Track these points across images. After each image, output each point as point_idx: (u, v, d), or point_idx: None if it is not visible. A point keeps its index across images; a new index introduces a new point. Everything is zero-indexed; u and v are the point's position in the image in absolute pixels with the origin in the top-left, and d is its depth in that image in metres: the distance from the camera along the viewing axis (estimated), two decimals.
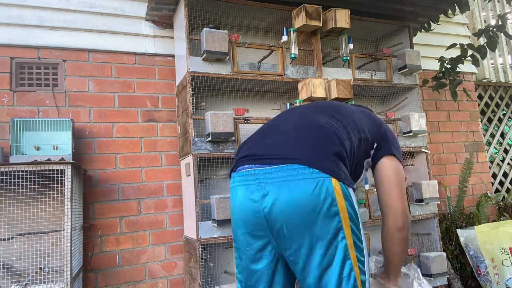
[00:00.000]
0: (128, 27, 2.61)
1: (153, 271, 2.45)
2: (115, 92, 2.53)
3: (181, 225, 2.54)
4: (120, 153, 2.49)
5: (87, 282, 2.28)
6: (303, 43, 2.64)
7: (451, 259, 2.94)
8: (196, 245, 2.10)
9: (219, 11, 2.47)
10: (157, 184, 2.55)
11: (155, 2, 2.41)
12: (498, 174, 4.11)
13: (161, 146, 2.59)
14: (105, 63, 2.54)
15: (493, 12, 4.22)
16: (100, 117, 2.47)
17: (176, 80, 2.63)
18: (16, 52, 2.35)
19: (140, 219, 2.47)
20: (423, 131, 2.70)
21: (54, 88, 2.40)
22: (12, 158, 2.03)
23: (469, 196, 3.59)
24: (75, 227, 2.00)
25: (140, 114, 2.57)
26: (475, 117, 3.82)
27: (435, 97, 3.62)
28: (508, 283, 2.60)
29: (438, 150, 3.54)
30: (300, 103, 2.37)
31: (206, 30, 2.17)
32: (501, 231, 2.73)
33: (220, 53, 2.18)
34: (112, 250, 2.38)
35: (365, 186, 2.51)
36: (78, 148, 2.37)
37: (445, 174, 3.52)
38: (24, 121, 2.12)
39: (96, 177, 2.41)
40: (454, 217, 3.20)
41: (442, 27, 3.60)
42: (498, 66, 4.10)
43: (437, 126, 3.58)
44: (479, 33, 2.85)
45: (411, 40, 2.95)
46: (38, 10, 2.42)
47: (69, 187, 1.87)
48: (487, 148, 4.09)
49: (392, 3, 2.67)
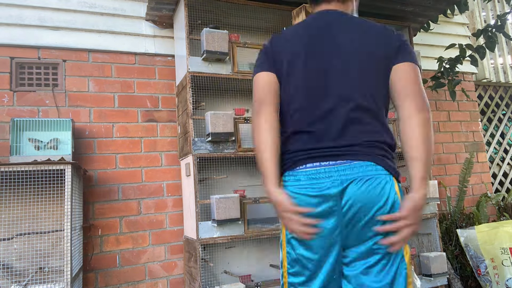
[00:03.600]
0: (128, 27, 2.61)
1: (153, 271, 2.45)
2: (115, 92, 2.53)
3: (181, 225, 2.54)
4: (120, 153, 2.49)
5: (87, 282, 2.28)
6: None
7: (451, 259, 2.94)
8: (196, 245, 2.10)
9: (219, 11, 2.47)
10: (157, 184, 2.55)
11: (155, 2, 2.41)
12: (498, 174, 4.11)
13: (161, 146, 2.59)
14: (105, 63, 2.54)
15: (493, 12, 4.22)
16: (100, 117, 2.47)
17: (176, 80, 2.63)
18: (16, 52, 2.35)
19: (140, 219, 2.47)
20: None
21: (54, 88, 2.40)
22: (12, 158, 2.03)
23: (469, 196, 3.59)
24: (75, 227, 2.00)
25: (140, 114, 2.58)
26: (475, 117, 3.82)
27: (435, 97, 3.62)
28: (508, 283, 2.60)
29: (438, 150, 3.54)
30: None
31: (206, 30, 2.17)
32: (501, 231, 2.73)
33: (220, 53, 2.18)
34: (112, 250, 2.38)
35: None
36: (78, 148, 2.37)
37: (445, 174, 3.52)
38: (24, 121, 2.12)
39: (96, 177, 2.41)
40: (454, 217, 3.20)
41: (442, 27, 3.60)
42: (498, 66, 4.10)
43: (437, 126, 3.58)
44: (478, 34, 2.85)
45: (411, 40, 2.95)
46: (38, 10, 2.42)
47: (69, 187, 1.87)
48: (487, 148, 4.09)
49: (392, 3, 2.67)
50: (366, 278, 1.14)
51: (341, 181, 1.12)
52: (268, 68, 1.28)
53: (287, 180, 1.22)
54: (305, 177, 1.17)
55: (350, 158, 1.15)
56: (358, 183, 1.12)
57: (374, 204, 1.12)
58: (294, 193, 1.17)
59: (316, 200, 1.14)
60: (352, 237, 1.14)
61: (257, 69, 1.30)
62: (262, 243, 2.48)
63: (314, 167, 1.17)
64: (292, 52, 1.25)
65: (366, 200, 1.11)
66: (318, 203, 1.14)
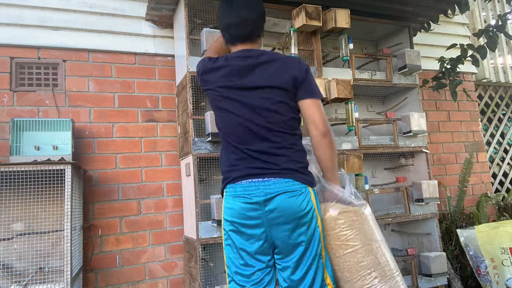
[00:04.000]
0: (128, 27, 2.61)
1: (153, 271, 2.45)
2: (115, 92, 2.53)
3: (181, 225, 2.54)
4: (120, 153, 2.49)
5: (87, 282, 2.28)
6: (303, 43, 2.63)
7: (451, 259, 2.94)
8: (196, 245, 2.10)
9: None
10: (157, 184, 2.55)
11: (155, 2, 2.41)
12: (498, 174, 4.11)
13: (161, 146, 2.59)
14: (105, 63, 2.54)
15: (493, 12, 4.22)
16: (100, 117, 2.47)
17: (176, 80, 2.63)
18: (16, 52, 2.34)
19: (140, 219, 2.47)
20: (423, 131, 2.70)
21: (54, 88, 2.40)
22: (12, 158, 2.03)
23: (469, 196, 3.59)
24: (75, 227, 2.00)
25: (140, 114, 2.57)
26: (475, 117, 3.82)
27: (435, 97, 3.62)
28: (508, 283, 2.60)
29: (438, 150, 3.54)
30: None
31: (206, 30, 2.17)
32: (501, 231, 2.73)
33: None
34: (112, 250, 2.38)
35: (365, 186, 2.51)
36: (78, 148, 2.37)
37: (445, 174, 3.52)
38: (24, 121, 2.12)
39: (96, 177, 2.41)
40: (454, 217, 3.20)
41: (442, 27, 3.60)
42: (498, 66, 4.10)
43: (437, 126, 3.58)
44: (479, 33, 2.85)
45: (411, 40, 2.95)
46: (38, 10, 2.42)
47: (69, 187, 1.87)
48: (487, 148, 4.09)
49: (392, 3, 2.67)
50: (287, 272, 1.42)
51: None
52: None
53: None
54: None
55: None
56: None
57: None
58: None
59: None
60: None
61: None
62: None
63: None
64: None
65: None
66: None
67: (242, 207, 1.39)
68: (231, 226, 1.43)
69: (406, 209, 2.62)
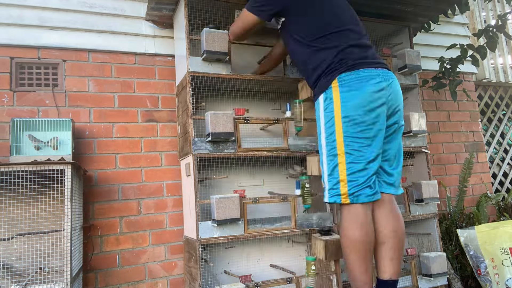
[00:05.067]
0: (128, 27, 2.61)
1: (153, 271, 2.45)
2: (115, 92, 2.53)
3: (181, 225, 2.54)
4: (120, 153, 2.49)
5: (87, 282, 2.28)
6: None
7: (451, 259, 2.94)
8: (196, 245, 2.10)
9: (219, 11, 2.47)
10: (157, 184, 2.55)
11: (155, 2, 2.41)
12: (498, 174, 4.12)
13: (161, 146, 2.59)
14: (105, 63, 2.54)
15: (493, 12, 4.22)
16: (100, 117, 2.47)
17: (176, 80, 2.63)
18: (16, 52, 2.35)
19: (140, 219, 2.47)
20: (423, 131, 2.70)
21: (54, 88, 2.40)
22: (12, 158, 2.03)
23: (469, 196, 3.59)
24: (75, 227, 2.00)
25: (140, 114, 2.58)
26: (475, 117, 3.82)
27: (435, 97, 3.62)
28: (508, 283, 2.60)
29: (438, 150, 3.54)
30: (300, 103, 2.36)
31: (206, 30, 2.17)
32: (501, 231, 2.73)
33: (220, 53, 2.18)
34: (112, 250, 2.38)
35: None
36: (78, 148, 2.37)
37: (445, 174, 3.52)
38: (24, 121, 2.12)
39: (96, 177, 2.41)
40: (454, 217, 3.20)
41: (442, 27, 3.60)
42: (498, 66, 4.10)
43: (437, 126, 3.58)
44: (479, 34, 2.85)
45: (411, 40, 2.95)
46: (38, 10, 2.42)
47: (69, 187, 1.87)
48: (487, 148, 4.09)
49: (392, 3, 2.67)
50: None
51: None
52: None
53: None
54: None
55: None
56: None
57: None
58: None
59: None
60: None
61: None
62: (262, 243, 2.48)
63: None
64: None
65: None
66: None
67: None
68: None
69: (406, 209, 2.62)
